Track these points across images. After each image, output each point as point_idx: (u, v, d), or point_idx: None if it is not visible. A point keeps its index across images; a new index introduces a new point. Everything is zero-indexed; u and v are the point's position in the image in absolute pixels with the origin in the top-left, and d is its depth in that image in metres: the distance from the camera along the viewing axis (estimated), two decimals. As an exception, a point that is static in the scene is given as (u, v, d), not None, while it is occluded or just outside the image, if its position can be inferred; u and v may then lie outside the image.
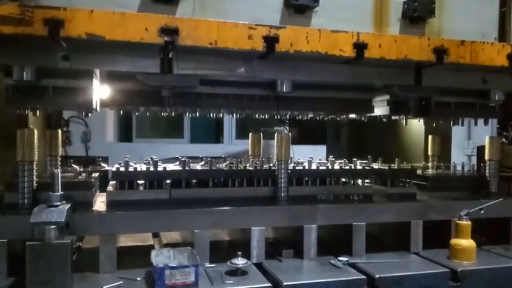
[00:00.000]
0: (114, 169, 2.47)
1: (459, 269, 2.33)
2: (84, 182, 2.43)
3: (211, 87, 2.58)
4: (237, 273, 2.17)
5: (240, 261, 2.18)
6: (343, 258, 2.40)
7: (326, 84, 2.74)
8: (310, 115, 3.11)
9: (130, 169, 2.45)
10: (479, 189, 3.01)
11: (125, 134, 8.74)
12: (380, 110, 2.94)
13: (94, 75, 2.26)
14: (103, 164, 2.73)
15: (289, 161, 2.65)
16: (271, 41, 2.15)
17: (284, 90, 2.43)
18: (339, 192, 2.73)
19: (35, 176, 2.28)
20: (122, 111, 3.04)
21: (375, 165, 2.96)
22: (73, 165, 2.63)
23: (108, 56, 2.14)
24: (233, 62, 2.30)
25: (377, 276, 2.21)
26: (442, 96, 2.79)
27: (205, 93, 2.60)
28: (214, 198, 2.51)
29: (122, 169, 2.44)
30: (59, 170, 2.18)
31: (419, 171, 3.06)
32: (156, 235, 2.94)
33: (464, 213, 2.49)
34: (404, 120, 3.03)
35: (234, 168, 2.64)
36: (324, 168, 2.75)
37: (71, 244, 1.97)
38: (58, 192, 2.09)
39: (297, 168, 2.72)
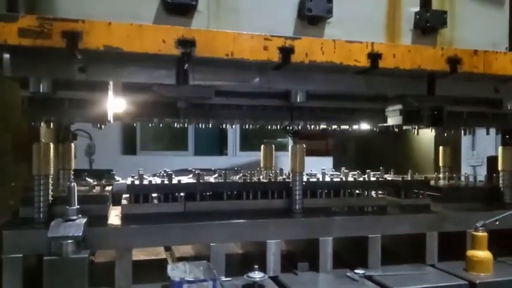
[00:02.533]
0: (129, 182, 2.45)
1: (477, 281, 2.30)
2: (100, 195, 2.42)
3: (225, 97, 2.57)
4: (253, 286, 2.15)
5: (256, 275, 2.15)
6: (360, 271, 2.38)
7: (339, 95, 2.74)
8: (323, 126, 3.11)
9: (145, 182, 2.43)
10: (493, 199, 2.99)
11: (129, 146, 8.74)
12: (392, 120, 2.94)
13: (109, 87, 2.27)
14: (117, 177, 2.71)
15: (303, 173, 2.64)
16: (286, 51, 2.16)
17: (298, 100, 2.43)
18: (353, 204, 2.72)
19: (50, 190, 2.27)
20: (135, 123, 3.04)
21: (388, 177, 2.95)
22: (87, 178, 2.62)
23: (124, 68, 2.14)
24: (248, 73, 2.31)
25: (395, 289, 2.19)
26: (454, 105, 2.80)
27: (219, 103, 2.61)
28: (229, 210, 2.50)
29: (137, 182, 2.43)
30: (75, 183, 2.17)
31: (431, 182, 3.05)
32: (168, 248, 2.91)
33: (481, 225, 2.47)
34: (416, 130, 3.03)
35: (248, 180, 2.63)
36: (338, 180, 2.74)
37: (88, 258, 1.96)
38: (75, 206, 2.08)
39: (311, 180, 2.71)
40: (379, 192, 2.82)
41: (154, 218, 2.36)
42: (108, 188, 2.59)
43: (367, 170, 2.85)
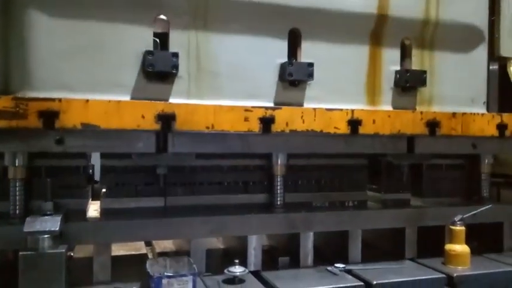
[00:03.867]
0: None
1: (455, 274, 2.35)
2: (78, 190, 2.37)
3: (205, 160, 2.47)
4: (234, 281, 2.15)
5: (237, 269, 2.15)
6: (340, 265, 2.39)
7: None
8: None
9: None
10: (471, 194, 3.04)
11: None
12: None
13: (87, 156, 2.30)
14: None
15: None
16: (267, 122, 2.20)
17: (279, 163, 2.46)
18: (334, 199, 2.73)
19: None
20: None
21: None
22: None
23: (103, 140, 2.10)
24: (229, 140, 2.30)
25: (374, 282, 2.21)
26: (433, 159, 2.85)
27: (199, 165, 2.48)
28: (210, 205, 2.48)
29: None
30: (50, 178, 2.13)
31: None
32: (148, 244, 2.89)
33: (458, 219, 2.51)
34: None
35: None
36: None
37: (65, 254, 1.92)
38: (51, 200, 2.04)
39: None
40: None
41: (134, 212, 2.32)
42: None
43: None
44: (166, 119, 2.03)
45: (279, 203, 2.52)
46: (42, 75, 1.98)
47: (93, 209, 2.45)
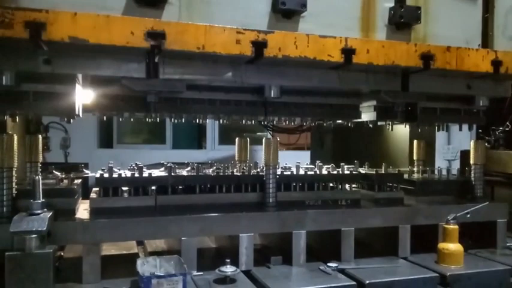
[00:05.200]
0: (97, 175, 2.39)
1: (448, 273, 2.33)
2: (66, 189, 2.35)
3: (197, 92, 2.51)
4: (225, 281, 2.13)
5: (228, 269, 2.13)
6: (333, 264, 2.38)
7: (313, 90, 2.71)
8: (297, 121, 3.08)
9: (115, 175, 2.38)
10: (465, 193, 3.03)
11: (105, 139, 8.58)
12: (367, 115, 2.94)
13: (77, 79, 2.19)
14: (85, 171, 2.64)
15: (277, 167, 2.62)
16: (259, 45, 2.13)
17: (272, 95, 2.39)
18: (327, 198, 2.71)
19: (14, 183, 2.19)
20: (105, 117, 2.96)
21: (362, 170, 2.95)
22: (54, 171, 2.54)
23: (92, 60, 2.06)
24: (221, 67, 2.26)
25: (367, 282, 2.19)
26: (428, 102, 2.81)
27: (191, 98, 2.52)
28: (201, 204, 2.46)
29: (106, 175, 2.37)
30: (39, 176, 2.10)
31: (405, 176, 3.07)
32: (140, 243, 2.86)
33: (452, 218, 2.49)
34: (390, 126, 3.04)
35: (222, 173, 2.60)
36: (312, 173, 2.73)
37: (53, 254, 1.90)
38: (39, 199, 2.01)
39: (285, 173, 2.69)
40: (353, 185, 2.82)
41: (124, 212, 2.30)
42: (77, 182, 2.52)
43: (342, 164, 2.85)
44: (156, 37, 1.96)
45: (270, 201, 2.50)
46: None
47: (83, 209, 2.42)
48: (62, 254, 2.53)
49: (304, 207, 2.57)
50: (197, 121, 2.92)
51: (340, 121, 3.16)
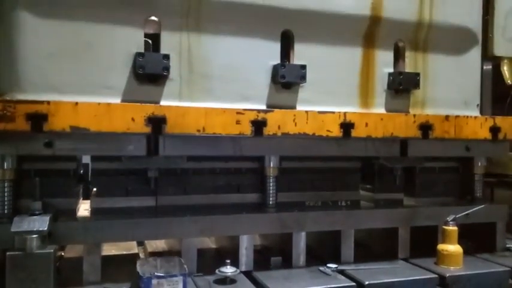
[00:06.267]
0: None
1: (447, 275, 2.34)
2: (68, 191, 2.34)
3: (197, 162, 2.44)
4: (225, 281, 2.14)
5: (228, 270, 2.14)
6: (332, 265, 2.38)
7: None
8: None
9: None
10: (464, 194, 3.03)
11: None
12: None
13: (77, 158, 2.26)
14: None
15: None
16: (259, 125, 2.18)
17: (271, 165, 2.44)
18: (326, 199, 2.71)
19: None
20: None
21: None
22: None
23: (93, 143, 2.09)
24: (221, 143, 2.28)
25: (367, 282, 2.20)
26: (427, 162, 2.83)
27: (191, 168, 2.44)
28: (202, 205, 2.46)
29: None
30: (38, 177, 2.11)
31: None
32: (140, 243, 2.87)
33: (451, 219, 2.50)
34: None
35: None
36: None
37: (53, 254, 1.90)
38: (40, 200, 2.02)
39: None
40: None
41: (125, 212, 2.30)
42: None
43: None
44: (157, 122, 2.01)
45: (271, 202, 2.50)
46: (30, 77, 1.96)
47: (84, 209, 2.42)
48: (63, 254, 2.54)
49: (304, 208, 2.57)
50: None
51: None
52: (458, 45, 2.73)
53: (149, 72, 2.07)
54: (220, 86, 2.24)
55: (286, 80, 2.28)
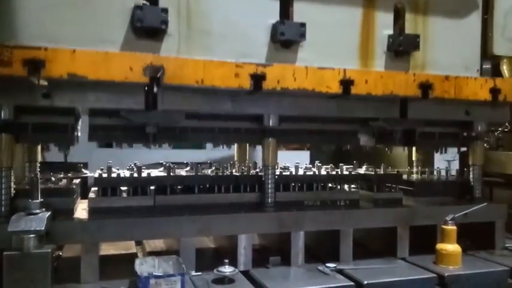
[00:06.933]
0: (96, 175, 2.39)
1: (446, 274, 2.33)
2: (65, 188, 2.34)
3: (196, 120, 2.45)
4: (224, 281, 2.13)
5: (227, 269, 2.13)
6: (331, 265, 2.38)
7: (312, 117, 2.66)
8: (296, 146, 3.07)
9: (114, 175, 2.37)
10: (463, 194, 3.03)
11: (105, 139, 8.56)
12: (365, 140, 2.93)
13: (75, 111, 2.21)
14: (84, 171, 2.64)
15: (276, 167, 2.62)
16: (258, 78, 2.15)
17: (271, 124, 2.41)
18: (325, 198, 2.71)
19: (12, 183, 2.19)
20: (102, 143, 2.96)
21: (361, 171, 2.95)
22: (53, 171, 2.54)
23: (91, 94, 2.07)
24: (219, 98, 2.27)
25: (365, 282, 2.19)
26: (426, 126, 2.81)
27: (190, 126, 2.46)
28: (200, 204, 2.46)
29: (105, 175, 2.36)
30: (38, 176, 2.10)
31: (404, 177, 3.07)
32: (139, 243, 2.86)
33: (450, 218, 2.49)
34: (389, 150, 3.02)
35: (220, 174, 2.59)
36: (311, 173, 2.73)
37: (51, 254, 1.90)
38: (37, 199, 2.02)
39: (283, 173, 2.69)
40: (352, 186, 2.82)
41: (123, 212, 2.30)
42: (76, 181, 2.52)
43: (341, 164, 2.85)
44: (155, 72, 1.98)
45: (269, 201, 2.50)
46: (29, 27, 1.94)
47: (82, 208, 2.42)
48: (60, 253, 2.53)
49: (302, 208, 2.57)
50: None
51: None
52: (458, 9, 2.69)
53: (147, 25, 2.04)
54: (218, 43, 2.21)
55: (286, 37, 2.25)
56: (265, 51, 2.30)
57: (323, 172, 2.79)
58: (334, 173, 2.80)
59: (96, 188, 2.41)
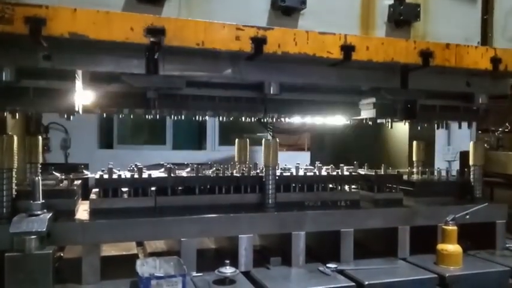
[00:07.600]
0: (97, 176, 2.39)
1: (447, 275, 2.34)
2: (66, 190, 2.35)
3: (197, 88, 2.49)
4: (225, 282, 2.13)
5: (228, 270, 2.13)
6: (332, 265, 2.38)
7: (313, 87, 2.71)
8: (297, 118, 3.08)
9: (114, 176, 2.38)
10: (464, 194, 3.03)
11: (105, 140, 8.57)
12: (366, 113, 2.92)
13: (76, 76, 2.18)
14: (85, 171, 2.65)
15: (276, 167, 2.62)
16: (259, 42, 2.13)
17: (272, 92, 2.39)
18: (326, 199, 2.71)
19: (14, 184, 2.19)
20: (105, 114, 2.96)
21: (361, 171, 2.96)
22: (54, 172, 2.55)
23: (92, 56, 2.07)
24: (220, 63, 2.26)
25: (366, 283, 2.20)
26: (427, 99, 2.81)
27: (191, 94, 2.51)
28: (201, 205, 2.46)
29: (106, 176, 2.37)
30: (39, 177, 2.11)
31: (404, 177, 3.07)
32: (140, 244, 2.86)
33: (450, 219, 2.50)
34: (389, 124, 3.04)
35: (221, 174, 2.60)
36: (312, 174, 2.73)
37: (52, 255, 1.90)
38: (39, 200, 2.02)
39: (284, 174, 2.70)
40: (353, 186, 2.83)
41: (124, 213, 2.31)
42: (77, 183, 2.52)
43: (341, 165, 2.85)
44: (156, 33, 1.97)
45: (270, 202, 2.50)
46: None
47: (83, 209, 2.42)
48: (62, 254, 2.53)
49: (303, 208, 2.57)
50: (197, 118, 2.90)
51: (340, 119, 3.15)
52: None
53: None
54: (219, 9, 2.19)
55: (286, 4, 2.22)
56: (266, 18, 2.27)
57: (323, 173, 2.79)
58: (334, 173, 2.80)
59: (97, 189, 2.41)
